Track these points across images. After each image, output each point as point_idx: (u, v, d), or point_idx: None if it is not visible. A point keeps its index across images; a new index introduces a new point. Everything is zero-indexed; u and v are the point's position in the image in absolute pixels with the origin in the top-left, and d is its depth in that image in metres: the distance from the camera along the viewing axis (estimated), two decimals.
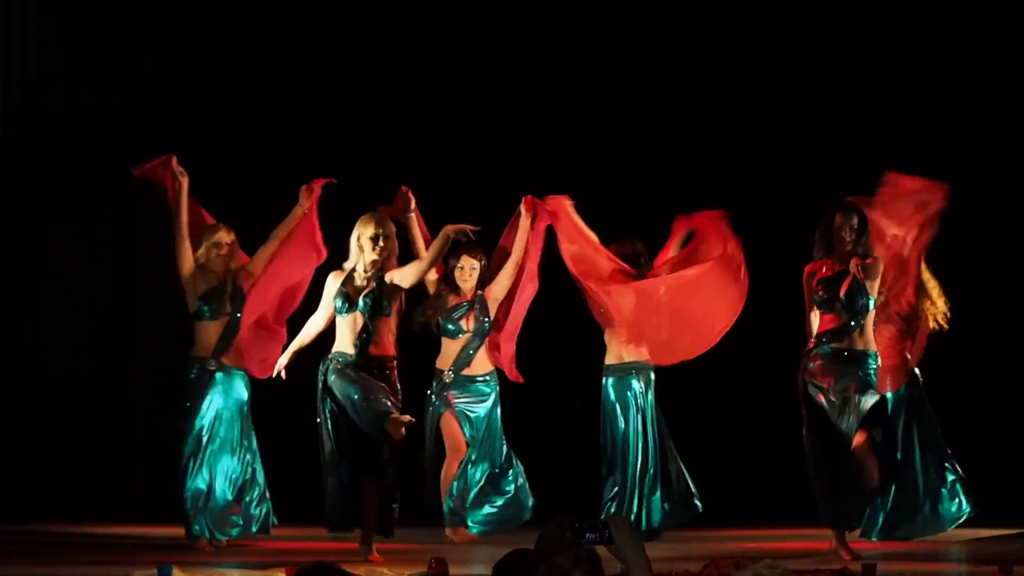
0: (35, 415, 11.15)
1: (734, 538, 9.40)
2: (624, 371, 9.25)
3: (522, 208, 9.16)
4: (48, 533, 10.03)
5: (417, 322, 9.03)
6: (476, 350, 9.20)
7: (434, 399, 9.20)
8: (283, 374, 8.74)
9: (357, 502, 8.44)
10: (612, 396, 9.26)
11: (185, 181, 8.97)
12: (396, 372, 8.53)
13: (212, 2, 11.54)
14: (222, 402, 8.93)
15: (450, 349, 9.23)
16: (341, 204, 8.82)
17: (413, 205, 8.93)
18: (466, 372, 9.20)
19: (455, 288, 9.16)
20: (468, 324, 9.19)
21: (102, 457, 11.25)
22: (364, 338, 8.46)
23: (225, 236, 8.99)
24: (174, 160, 9.03)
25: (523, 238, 9.15)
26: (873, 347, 8.55)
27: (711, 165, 11.24)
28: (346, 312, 8.49)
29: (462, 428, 9.18)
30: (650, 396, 9.25)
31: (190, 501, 8.83)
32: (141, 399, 11.44)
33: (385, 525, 8.42)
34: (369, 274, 8.49)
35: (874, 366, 8.54)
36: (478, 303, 9.18)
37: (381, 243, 8.45)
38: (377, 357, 8.48)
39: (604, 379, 9.28)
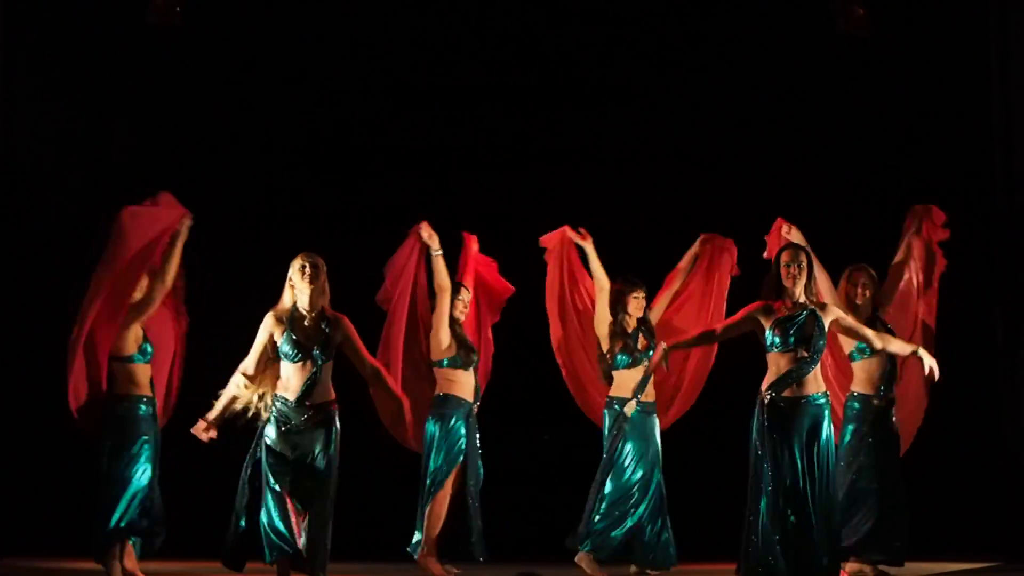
0: (5, 449, 11.14)
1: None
2: None
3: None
4: (20, 568, 10.05)
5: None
6: None
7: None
8: (214, 436, 8.51)
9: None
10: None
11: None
12: (337, 412, 8.53)
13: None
14: None
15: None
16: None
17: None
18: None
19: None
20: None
21: (75, 491, 11.22)
22: (310, 384, 8.40)
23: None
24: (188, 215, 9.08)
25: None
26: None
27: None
28: (298, 360, 8.39)
29: None
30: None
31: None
32: None
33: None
34: (315, 314, 8.43)
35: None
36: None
37: (309, 271, 8.37)
38: (320, 404, 8.44)
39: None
